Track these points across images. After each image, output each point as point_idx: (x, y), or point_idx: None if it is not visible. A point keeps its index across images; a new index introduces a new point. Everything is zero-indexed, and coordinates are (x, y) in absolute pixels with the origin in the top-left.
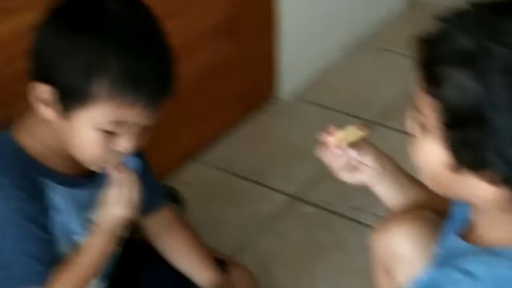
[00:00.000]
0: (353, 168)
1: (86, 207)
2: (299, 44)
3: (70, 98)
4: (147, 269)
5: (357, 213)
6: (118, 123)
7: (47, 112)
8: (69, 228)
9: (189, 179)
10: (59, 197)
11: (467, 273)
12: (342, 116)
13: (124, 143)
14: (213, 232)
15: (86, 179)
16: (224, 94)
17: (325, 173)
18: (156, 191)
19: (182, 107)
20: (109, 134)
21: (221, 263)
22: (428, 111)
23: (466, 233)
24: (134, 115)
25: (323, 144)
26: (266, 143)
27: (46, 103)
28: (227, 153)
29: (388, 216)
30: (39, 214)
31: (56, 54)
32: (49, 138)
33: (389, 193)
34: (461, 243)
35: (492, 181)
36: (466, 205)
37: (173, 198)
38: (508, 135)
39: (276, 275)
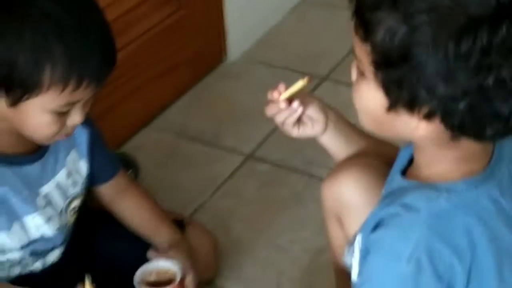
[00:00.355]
0: (299, 122)
1: (36, 182)
2: (246, 4)
3: (17, 89)
4: (103, 235)
5: (310, 168)
6: (68, 104)
7: None
8: (16, 211)
9: (143, 145)
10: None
11: (407, 207)
12: (292, 74)
13: (76, 118)
14: (170, 195)
15: (33, 155)
16: (174, 59)
17: (277, 131)
18: (108, 159)
19: (133, 74)
20: (61, 113)
21: (178, 224)
22: (363, 56)
23: (409, 172)
24: (83, 93)
25: (269, 101)
26: (218, 105)
27: None
28: (179, 117)
29: (335, 166)
30: None
31: None
32: None
33: (335, 144)
34: (403, 181)
35: (426, 117)
36: (410, 146)
37: (127, 163)
38: (435, 71)
39: (233, 232)
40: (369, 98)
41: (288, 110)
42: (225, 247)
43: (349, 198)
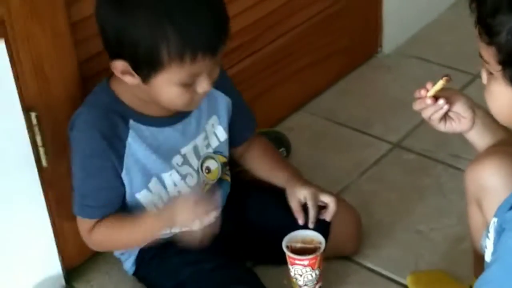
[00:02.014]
0: (447, 118)
1: (176, 144)
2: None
3: (144, 68)
4: (253, 203)
5: (455, 160)
6: (191, 75)
7: (130, 80)
8: (154, 168)
9: (295, 127)
10: (140, 141)
11: None
12: (444, 70)
13: (203, 86)
14: (317, 174)
15: (173, 118)
16: (330, 49)
17: (425, 123)
18: (245, 124)
19: (291, 60)
20: (188, 84)
21: None
22: (490, 58)
23: None
24: (203, 66)
25: (417, 97)
26: (369, 94)
27: (126, 73)
28: (331, 104)
29: (479, 154)
30: (109, 166)
31: (120, 32)
32: (139, 92)
33: (482, 140)
34: None
35: None
36: None
37: (280, 141)
38: None
39: (376, 214)
40: (501, 96)
41: (434, 107)
42: (366, 228)
43: (490, 183)
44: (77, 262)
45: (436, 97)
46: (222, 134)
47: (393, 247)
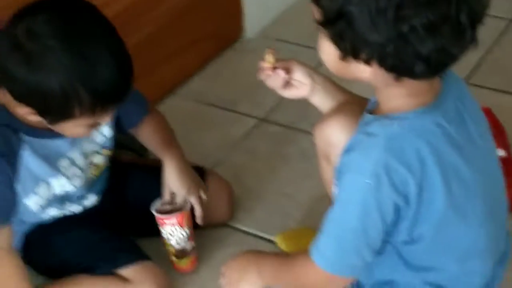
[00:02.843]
0: (289, 85)
1: (64, 151)
2: None
3: (52, 117)
4: (133, 184)
5: None
6: (98, 119)
7: (33, 118)
8: (43, 175)
9: (168, 109)
10: (31, 151)
11: (368, 133)
12: (305, 49)
13: (106, 120)
14: (191, 151)
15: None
16: (197, 34)
17: (286, 98)
18: (135, 108)
19: (160, 47)
20: (93, 124)
21: (198, 171)
22: (317, 17)
23: (374, 110)
24: (109, 113)
25: (260, 68)
26: (235, 76)
27: (31, 114)
28: (201, 86)
29: (325, 114)
30: (8, 176)
31: (30, 87)
32: (37, 122)
33: (323, 101)
34: (369, 116)
35: (366, 62)
36: None
37: None
38: (363, 24)
39: (246, 183)
40: (326, 51)
41: (274, 76)
42: (238, 195)
43: (335, 138)
44: None
45: (276, 68)
46: (108, 131)
47: (263, 210)
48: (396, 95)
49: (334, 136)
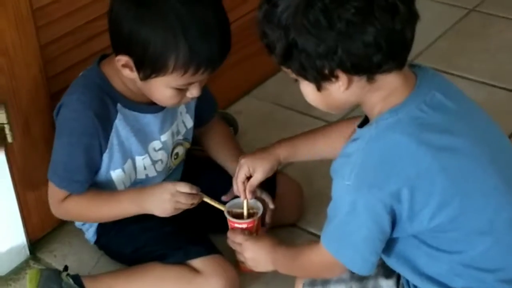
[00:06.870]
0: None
1: (156, 131)
2: None
3: (147, 68)
4: (205, 177)
5: None
6: (187, 84)
7: (127, 73)
8: (131, 150)
9: (243, 109)
10: (124, 123)
11: (353, 140)
12: None
13: (193, 93)
14: None
15: (155, 106)
16: None
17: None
18: (207, 107)
19: (237, 50)
20: (182, 89)
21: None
22: (279, 61)
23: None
24: (200, 77)
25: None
26: None
27: (126, 67)
28: (275, 89)
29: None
30: (97, 144)
31: (134, 31)
32: (130, 83)
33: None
34: (358, 129)
35: (333, 76)
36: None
37: (229, 122)
38: (309, 44)
39: (315, 184)
40: (306, 91)
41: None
42: (308, 197)
43: None
44: (41, 233)
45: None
46: (189, 121)
47: None
48: (377, 100)
49: None
